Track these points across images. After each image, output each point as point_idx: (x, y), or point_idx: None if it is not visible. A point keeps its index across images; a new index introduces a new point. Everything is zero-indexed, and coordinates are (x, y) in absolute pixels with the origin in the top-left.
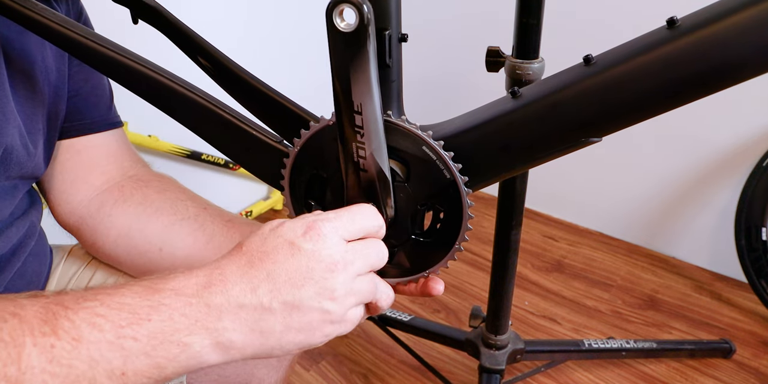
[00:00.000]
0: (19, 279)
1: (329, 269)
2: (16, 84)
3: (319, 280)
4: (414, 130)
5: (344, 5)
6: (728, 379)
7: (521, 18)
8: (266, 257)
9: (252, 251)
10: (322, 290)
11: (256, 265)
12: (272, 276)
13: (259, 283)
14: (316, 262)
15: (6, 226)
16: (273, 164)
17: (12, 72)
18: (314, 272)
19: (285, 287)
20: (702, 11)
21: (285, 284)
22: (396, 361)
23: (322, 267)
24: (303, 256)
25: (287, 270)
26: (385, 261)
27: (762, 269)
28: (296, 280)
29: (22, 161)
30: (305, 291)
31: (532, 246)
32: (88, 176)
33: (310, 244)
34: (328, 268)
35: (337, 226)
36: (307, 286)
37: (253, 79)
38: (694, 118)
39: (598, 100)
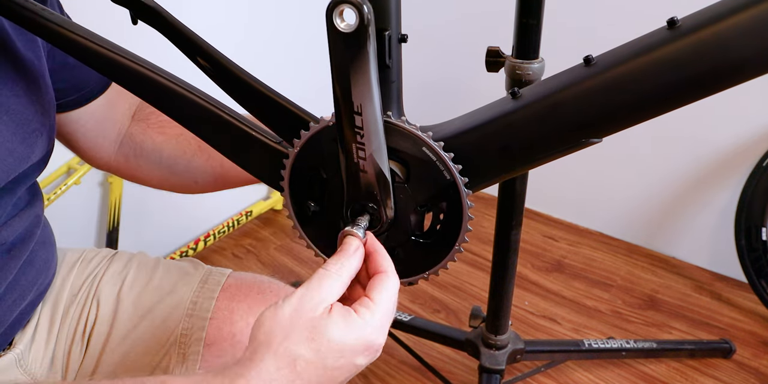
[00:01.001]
0: (28, 266)
1: (359, 366)
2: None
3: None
4: (414, 130)
5: (344, 5)
6: (728, 379)
7: (521, 18)
8: (325, 381)
9: (310, 376)
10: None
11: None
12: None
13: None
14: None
15: (10, 217)
16: (272, 165)
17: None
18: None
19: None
20: (702, 12)
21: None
22: (396, 361)
23: (367, 361)
24: (357, 369)
25: (345, 379)
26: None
27: (762, 269)
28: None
29: (11, 168)
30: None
31: (532, 246)
32: (105, 132)
33: (368, 360)
34: (372, 357)
35: (385, 328)
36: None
37: (252, 80)
38: (693, 118)
39: (598, 100)
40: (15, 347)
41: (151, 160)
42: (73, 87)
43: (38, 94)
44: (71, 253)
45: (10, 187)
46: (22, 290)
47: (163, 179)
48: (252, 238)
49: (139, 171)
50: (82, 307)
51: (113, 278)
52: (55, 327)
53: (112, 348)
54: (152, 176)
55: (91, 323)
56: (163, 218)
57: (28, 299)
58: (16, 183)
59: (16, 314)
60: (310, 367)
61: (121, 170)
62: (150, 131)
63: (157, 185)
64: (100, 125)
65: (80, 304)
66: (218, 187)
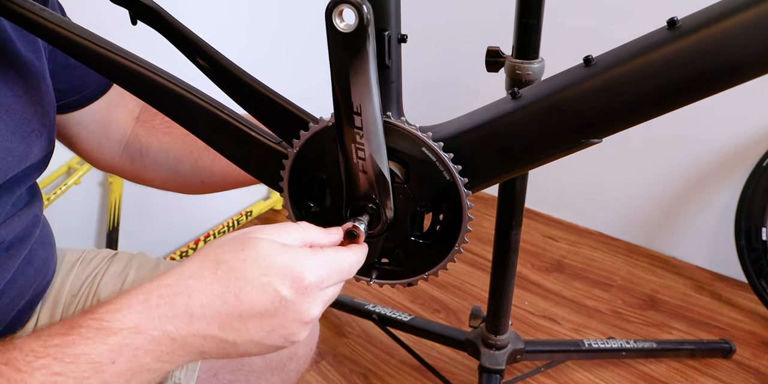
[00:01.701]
0: (27, 265)
1: (303, 322)
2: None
3: (289, 329)
4: (413, 131)
5: (344, 5)
6: (728, 379)
7: (521, 18)
8: (243, 295)
9: (227, 281)
10: (289, 335)
11: (229, 301)
12: (244, 317)
13: (230, 321)
14: (293, 314)
15: (9, 216)
16: (272, 165)
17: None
18: (288, 322)
19: (255, 330)
20: (703, 12)
21: (256, 327)
22: (396, 361)
23: (298, 319)
24: (283, 306)
25: (262, 315)
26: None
27: (762, 269)
28: (268, 325)
29: (10, 167)
30: (273, 335)
31: (532, 246)
32: (109, 133)
33: (295, 296)
34: (302, 320)
35: (323, 280)
36: (276, 332)
37: (251, 80)
38: (693, 118)
39: (598, 101)
40: None
41: (157, 160)
42: (74, 88)
43: (38, 95)
44: (71, 254)
45: (10, 187)
46: (21, 289)
47: (169, 180)
48: None
49: (144, 172)
50: (82, 307)
51: (113, 278)
52: None
53: None
54: (158, 177)
55: None
56: (163, 218)
57: (26, 298)
58: (16, 182)
59: (14, 313)
60: (231, 274)
61: (127, 171)
62: (156, 132)
63: (162, 186)
64: (103, 126)
65: (80, 304)
66: (225, 187)
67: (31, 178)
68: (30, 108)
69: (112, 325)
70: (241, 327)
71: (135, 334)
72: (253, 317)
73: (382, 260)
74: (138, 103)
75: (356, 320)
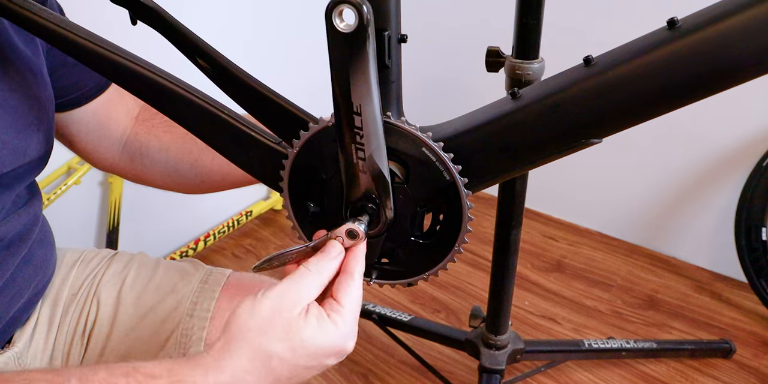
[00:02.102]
0: (25, 265)
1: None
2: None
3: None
4: (413, 131)
5: (344, 5)
6: (728, 379)
7: (521, 18)
8: (294, 379)
9: (282, 372)
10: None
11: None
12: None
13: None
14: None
15: (9, 213)
16: (272, 165)
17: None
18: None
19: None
20: (703, 12)
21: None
22: (396, 361)
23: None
24: (328, 366)
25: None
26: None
27: (762, 269)
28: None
29: (5, 160)
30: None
31: (532, 246)
32: (108, 132)
33: (337, 360)
34: (341, 358)
35: (355, 331)
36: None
37: (251, 80)
38: (694, 118)
39: (598, 101)
40: (14, 345)
41: (156, 159)
42: (72, 85)
43: (35, 90)
44: (71, 253)
45: (9, 184)
46: (19, 287)
47: (168, 179)
48: (252, 238)
49: (144, 171)
50: (82, 307)
51: (113, 278)
52: (54, 326)
53: (111, 348)
54: (157, 176)
55: (90, 323)
56: (163, 218)
57: (25, 297)
58: (15, 179)
59: (13, 312)
60: (284, 365)
61: (126, 171)
62: (155, 131)
63: (161, 185)
64: (102, 125)
65: (80, 304)
66: (224, 187)
67: (30, 175)
68: (26, 102)
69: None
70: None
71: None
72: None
73: (382, 260)
74: (137, 102)
75: None
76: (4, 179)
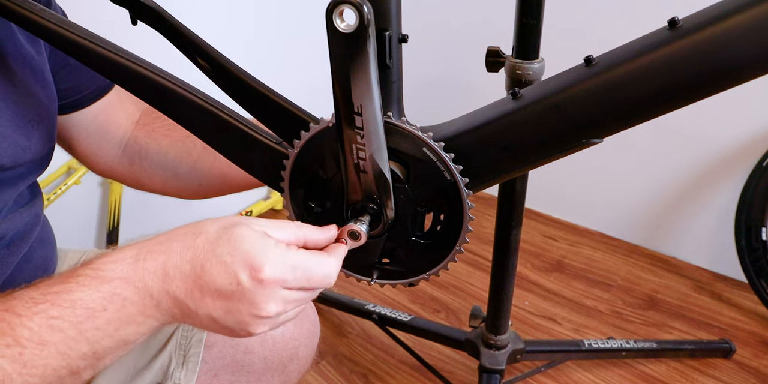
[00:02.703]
0: (25, 263)
1: (257, 315)
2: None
3: (243, 318)
4: (414, 131)
5: (344, 6)
6: (728, 379)
7: (521, 18)
8: (207, 269)
9: (199, 252)
10: (242, 324)
11: (195, 271)
12: (204, 289)
13: (192, 290)
14: (246, 305)
15: (10, 212)
16: (273, 166)
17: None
18: (241, 310)
19: (211, 306)
20: (703, 12)
21: (212, 303)
22: (396, 361)
23: (250, 311)
24: (239, 293)
25: (218, 293)
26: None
27: (762, 269)
28: (223, 306)
29: (6, 153)
30: (228, 317)
31: (532, 246)
32: (108, 136)
33: (251, 285)
34: (255, 313)
35: (284, 280)
36: (231, 316)
37: (252, 81)
38: (694, 117)
39: (599, 101)
40: None
41: (155, 162)
42: (73, 87)
43: (37, 88)
44: (72, 254)
45: (12, 182)
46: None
47: (167, 183)
48: None
49: (142, 175)
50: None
51: None
52: None
53: None
54: (156, 180)
55: None
56: (163, 218)
57: None
58: (18, 178)
59: None
60: (206, 246)
61: (125, 175)
62: (155, 134)
63: (160, 190)
64: (102, 129)
65: None
66: (223, 191)
67: (32, 175)
68: (27, 98)
69: (107, 274)
70: (200, 298)
71: (124, 284)
72: (212, 292)
73: (383, 260)
74: (138, 107)
75: (356, 320)
76: (5, 175)
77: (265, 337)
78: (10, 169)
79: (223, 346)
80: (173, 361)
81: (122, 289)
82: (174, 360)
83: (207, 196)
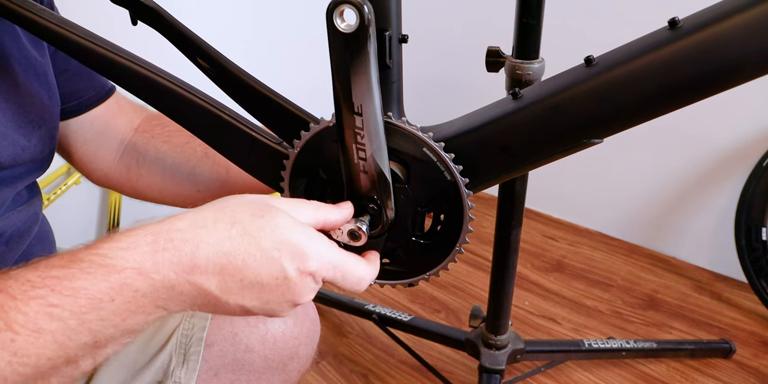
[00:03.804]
0: (24, 261)
1: (294, 303)
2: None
3: (279, 304)
4: (414, 131)
5: (344, 6)
6: (728, 379)
7: (521, 18)
8: (250, 264)
9: (238, 243)
10: (274, 311)
11: (235, 264)
12: (244, 285)
13: (229, 283)
14: (290, 294)
15: (9, 210)
16: (273, 166)
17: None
18: (282, 299)
19: (249, 298)
20: (704, 12)
21: (251, 296)
22: (396, 361)
23: (291, 299)
24: (284, 284)
25: (262, 287)
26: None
27: (762, 269)
28: (262, 298)
29: (5, 152)
30: (262, 307)
31: (532, 246)
32: (106, 142)
33: (299, 278)
34: (294, 301)
35: (326, 273)
36: (267, 305)
37: (252, 81)
38: (694, 117)
39: (599, 101)
40: None
41: (153, 168)
42: (72, 93)
43: (40, 89)
44: None
45: (11, 181)
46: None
47: (164, 189)
48: None
49: (139, 182)
50: None
51: None
52: None
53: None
54: (153, 187)
55: None
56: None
57: None
58: (17, 178)
59: None
60: (245, 237)
61: (121, 182)
62: (154, 141)
63: (157, 197)
64: (100, 135)
65: None
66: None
67: (31, 176)
68: (29, 100)
69: (116, 263)
70: (237, 291)
71: (137, 276)
72: (253, 286)
73: (382, 260)
74: (138, 114)
75: (356, 320)
76: (4, 174)
77: (266, 336)
78: (9, 168)
79: (223, 344)
80: (173, 359)
81: (134, 280)
82: (174, 359)
83: (204, 202)
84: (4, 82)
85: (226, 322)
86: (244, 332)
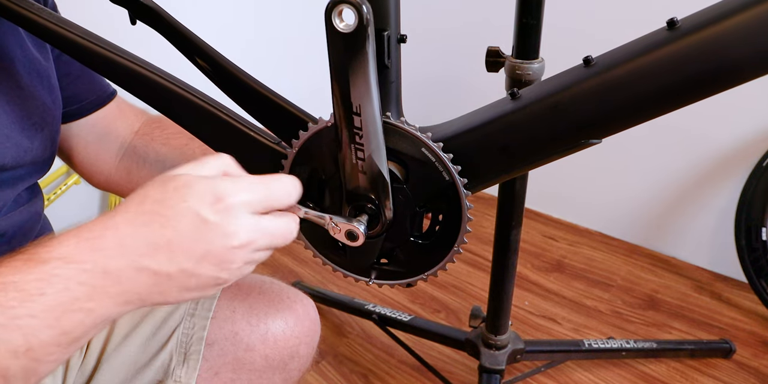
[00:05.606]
0: None
1: (231, 246)
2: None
3: (219, 255)
4: (413, 131)
5: (343, 5)
6: (728, 379)
7: (521, 18)
8: (167, 223)
9: (151, 213)
10: (221, 263)
11: (155, 230)
12: (172, 244)
13: (158, 250)
14: (219, 237)
15: (10, 210)
16: (271, 165)
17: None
18: (215, 246)
19: (184, 257)
20: (702, 12)
21: (184, 254)
22: (396, 361)
23: (224, 243)
24: (207, 229)
25: (188, 240)
26: (292, 238)
27: (762, 269)
28: (196, 252)
29: (7, 153)
30: (204, 263)
31: (532, 246)
32: (107, 146)
33: (217, 217)
34: (230, 244)
35: (249, 201)
36: (207, 259)
37: (251, 80)
38: (693, 117)
39: (598, 101)
40: None
41: (153, 171)
42: (74, 96)
43: (43, 92)
44: None
45: (12, 183)
46: None
47: None
48: None
49: (140, 184)
50: None
51: None
52: None
53: (112, 347)
54: None
55: None
56: None
57: None
58: (18, 179)
59: None
60: (155, 206)
61: (122, 185)
62: (154, 143)
63: None
64: (101, 138)
65: None
66: None
67: (32, 177)
68: (32, 102)
69: (41, 256)
70: (170, 255)
71: (65, 264)
72: (181, 244)
73: (381, 260)
74: (139, 118)
75: (356, 320)
76: (6, 175)
77: (266, 335)
78: (11, 169)
79: (224, 343)
80: (174, 358)
81: (63, 270)
82: (175, 358)
83: None
84: (8, 85)
85: (226, 321)
86: (244, 331)
